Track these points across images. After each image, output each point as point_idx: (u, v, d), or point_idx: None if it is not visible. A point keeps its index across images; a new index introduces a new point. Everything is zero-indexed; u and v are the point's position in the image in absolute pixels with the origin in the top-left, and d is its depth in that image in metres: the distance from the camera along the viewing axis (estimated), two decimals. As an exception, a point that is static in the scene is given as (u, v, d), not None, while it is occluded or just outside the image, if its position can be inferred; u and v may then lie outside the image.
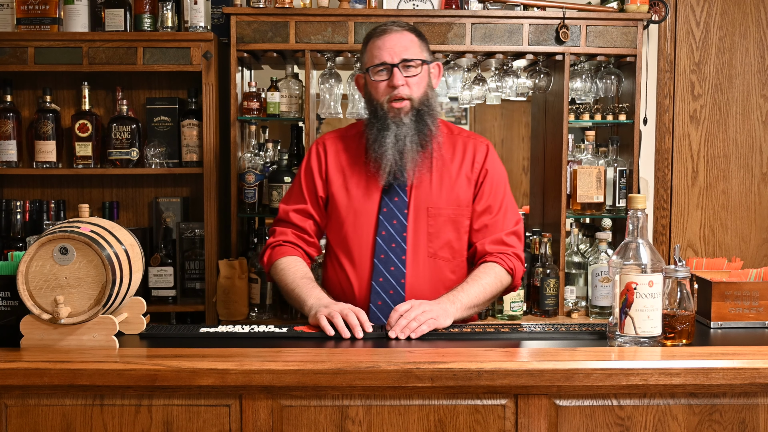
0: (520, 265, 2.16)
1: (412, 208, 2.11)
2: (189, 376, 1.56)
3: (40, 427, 1.59)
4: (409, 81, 2.07)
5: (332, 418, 1.59)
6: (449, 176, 2.14)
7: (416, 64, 2.07)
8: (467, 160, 2.16)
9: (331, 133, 2.27)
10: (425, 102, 2.10)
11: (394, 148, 2.07)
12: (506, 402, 1.60)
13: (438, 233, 2.12)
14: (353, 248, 2.11)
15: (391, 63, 2.05)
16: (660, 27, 3.25)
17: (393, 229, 2.09)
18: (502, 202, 2.16)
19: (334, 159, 2.18)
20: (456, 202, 2.13)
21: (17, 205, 2.96)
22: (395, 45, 2.06)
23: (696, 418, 1.62)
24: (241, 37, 2.83)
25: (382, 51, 2.07)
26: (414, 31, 2.12)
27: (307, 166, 2.21)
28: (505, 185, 2.20)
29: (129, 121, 2.97)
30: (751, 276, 2.03)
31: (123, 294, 1.73)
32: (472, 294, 2.02)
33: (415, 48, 2.08)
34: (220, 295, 2.83)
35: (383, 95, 2.08)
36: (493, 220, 2.15)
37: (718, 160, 3.34)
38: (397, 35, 2.08)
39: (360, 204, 2.13)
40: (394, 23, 2.13)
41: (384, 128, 2.08)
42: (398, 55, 2.05)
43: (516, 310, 2.85)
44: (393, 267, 2.08)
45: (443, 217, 2.12)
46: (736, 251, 3.33)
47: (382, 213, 2.11)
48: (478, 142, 2.21)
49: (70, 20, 2.92)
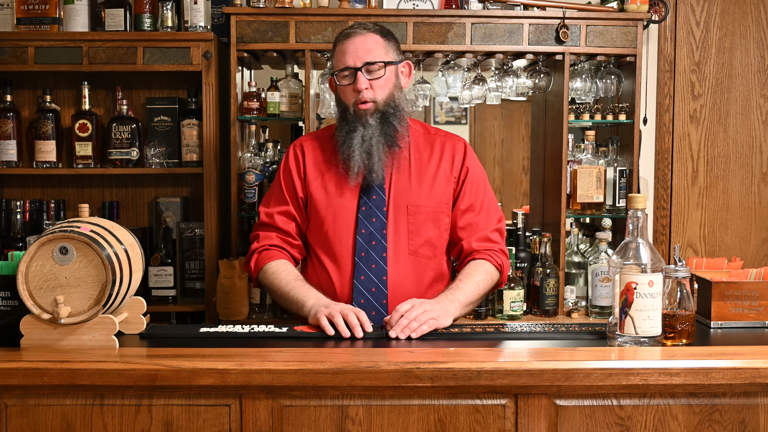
0: (507, 261, 2.21)
1: (392, 205, 2.14)
2: (189, 376, 1.56)
3: (40, 427, 1.59)
4: (373, 84, 2.09)
5: (332, 418, 1.59)
6: (428, 175, 2.16)
7: (379, 67, 2.08)
8: (446, 159, 2.19)
9: (308, 135, 2.31)
10: (391, 104, 2.12)
11: (361, 149, 2.09)
12: (506, 402, 1.60)
13: (418, 231, 2.13)
14: (334, 247, 2.13)
15: (354, 67, 2.07)
16: (660, 27, 3.25)
17: (372, 226, 2.11)
18: (483, 200, 2.20)
19: (311, 159, 2.20)
20: (436, 200, 2.15)
21: (17, 205, 2.96)
22: (358, 48, 2.08)
23: (696, 418, 1.62)
24: (241, 37, 2.83)
25: (346, 55, 2.09)
26: (380, 31, 2.13)
27: (286, 167, 2.22)
28: (485, 183, 2.24)
29: (129, 121, 2.97)
30: (751, 276, 2.03)
31: (123, 294, 1.73)
32: (468, 292, 2.05)
33: (379, 50, 2.10)
34: (220, 295, 2.83)
35: (350, 98, 2.11)
36: (477, 218, 2.18)
37: (718, 160, 3.34)
38: (360, 38, 2.09)
39: (338, 203, 2.14)
40: (360, 25, 2.14)
41: (351, 130, 2.11)
42: (361, 59, 2.07)
43: (516, 310, 2.85)
44: (374, 265, 2.09)
45: (423, 215, 2.14)
46: (736, 251, 3.33)
47: (361, 211, 2.12)
48: (456, 141, 2.24)
49: (70, 20, 2.92)
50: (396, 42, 2.17)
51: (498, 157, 4.88)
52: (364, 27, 2.13)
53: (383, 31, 2.14)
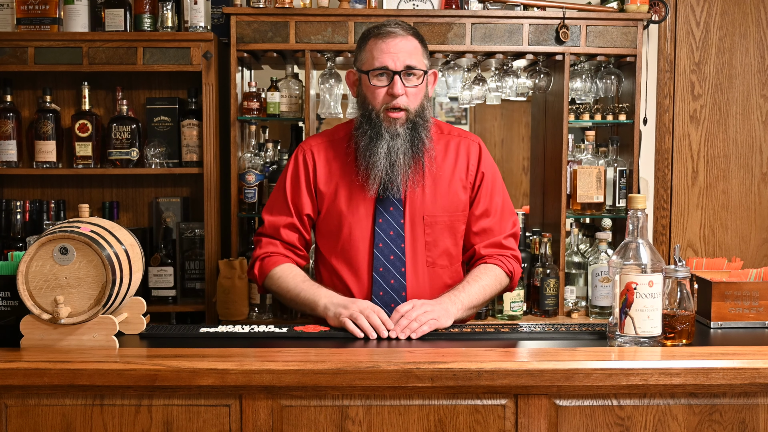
0: (518, 267, 2.15)
1: (408, 217, 2.05)
2: (189, 376, 1.56)
3: (40, 427, 1.59)
4: (409, 91, 1.98)
5: (332, 418, 1.59)
6: (443, 181, 2.08)
7: (419, 74, 1.98)
8: (461, 163, 2.11)
9: (318, 138, 2.16)
10: (421, 113, 2.02)
11: (386, 160, 1.99)
12: (506, 402, 1.60)
13: (436, 242, 2.07)
14: (350, 260, 2.06)
15: (394, 70, 1.95)
16: (660, 27, 3.25)
17: (390, 240, 2.04)
18: (499, 204, 2.14)
19: (323, 167, 2.09)
20: (452, 208, 2.09)
21: (17, 205, 2.96)
22: (399, 50, 1.96)
23: (696, 418, 1.62)
24: (241, 37, 2.83)
25: (385, 55, 1.95)
26: (417, 36, 2.02)
27: (294, 175, 2.11)
28: (500, 185, 2.16)
29: (129, 121, 2.97)
30: (751, 276, 2.03)
31: (123, 294, 1.73)
32: (473, 294, 2.01)
33: (419, 56, 1.99)
34: (220, 295, 2.83)
35: (380, 102, 1.99)
36: (491, 224, 2.12)
37: (718, 160, 3.33)
38: (401, 40, 1.97)
39: (354, 216, 2.06)
40: (398, 24, 2.01)
41: (377, 137, 1.99)
42: (402, 62, 1.95)
43: (516, 310, 2.85)
44: (393, 280, 2.04)
45: (440, 225, 2.07)
46: (736, 251, 3.33)
47: (378, 224, 2.04)
48: (470, 142, 2.15)
49: (70, 20, 2.92)
50: (428, 48, 2.07)
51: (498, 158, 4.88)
52: (403, 28, 1.99)
53: (420, 35, 2.03)
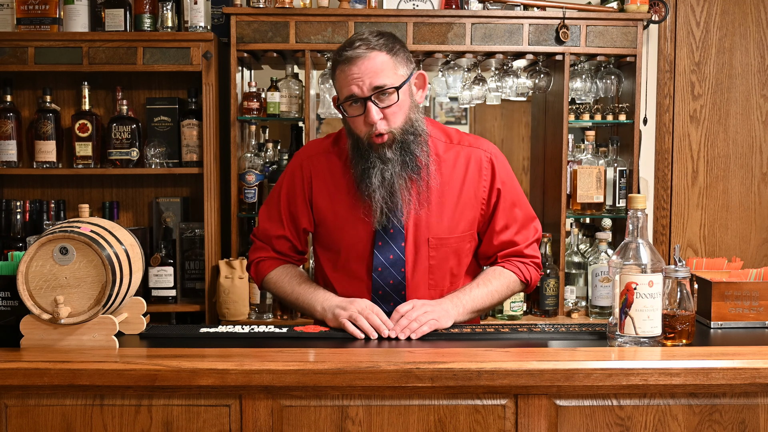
0: (537, 274, 2.06)
1: (411, 240, 1.94)
2: (189, 376, 1.55)
3: (40, 427, 1.59)
4: (387, 112, 1.83)
5: (332, 418, 1.59)
6: (450, 198, 1.95)
7: (390, 93, 1.82)
8: (471, 177, 1.97)
9: (313, 149, 2.05)
10: (409, 129, 1.88)
11: (382, 188, 1.87)
12: (506, 402, 1.60)
13: (440, 264, 1.97)
14: (349, 280, 2.00)
15: (362, 96, 1.81)
16: (660, 27, 3.25)
17: (390, 264, 1.93)
18: (519, 216, 2.02)
19: (320, 184, 1.99)
20: (460, 229, 1.97)
21: (17, 205, 2.96)
22: (363, 73, 1.80)
23: (696, 418, 1.62)
24: (241, 37, 2.83)
25: (350, 82, 1.81)
26: (385, 46, 1.83)
27: (290, 188, 2.02)
28: (519, 195, 2.04)
29: (129, 121, 2.97)
30: (751, 276, 2.03)
31: (123, 294, 1.73)
32: (477, 298, 1.95)
33: (389, 70, 1.82)
34: (220, 295, 2.83)
35: (362, 130, 1.86)
36: (513, 236, 2.02)
37: (718, 160, 3.33)
38: (364, 61, 1.80)
39: (352, 237, 1.96)
40: (361, 41, 1.83)
41: (369, 165, 1.88)
42: (368, 86, 1.80)
43: (516, 310, 2.85)
44: (392, 302, 1.94)
45: (446, 248, 1.96)
46: (736, 251, 3.33)
47: (377, 246, 1.94)
48: (482, 153, 1.99)
49: (70, 20, 2.92)
50: (404, 51, 1.88)
51: (498, 158, 4.88)
52: (366, 44, 1.82)
53: (388, 45, 1.84)
